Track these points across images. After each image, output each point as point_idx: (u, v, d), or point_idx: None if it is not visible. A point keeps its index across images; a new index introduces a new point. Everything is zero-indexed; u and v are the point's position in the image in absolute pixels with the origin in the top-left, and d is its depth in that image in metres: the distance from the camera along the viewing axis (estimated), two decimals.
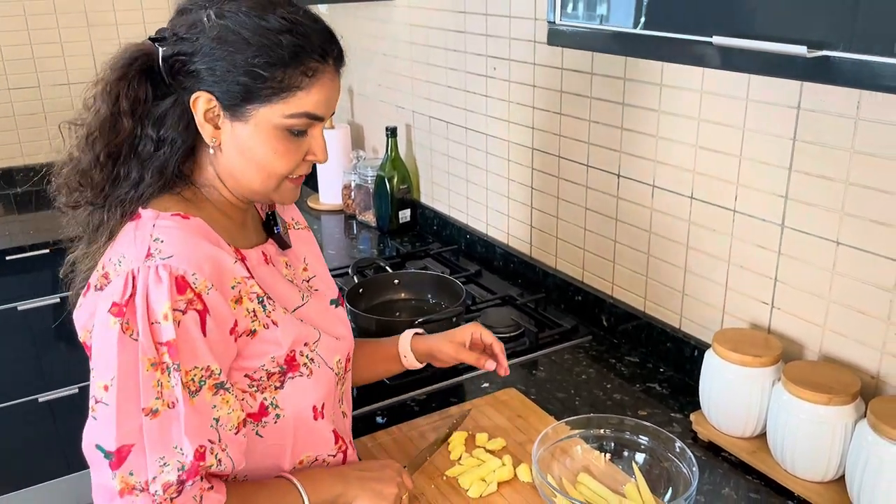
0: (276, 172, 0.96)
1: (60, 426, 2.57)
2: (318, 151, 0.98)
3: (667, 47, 0.92)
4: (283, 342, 0.97)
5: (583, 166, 1.64)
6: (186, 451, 0.86)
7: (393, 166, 2.24)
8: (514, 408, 1.34)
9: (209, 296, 0.89)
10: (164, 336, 0.85)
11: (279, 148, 0.94)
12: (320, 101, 0.94)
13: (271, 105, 0.92)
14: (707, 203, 1.36)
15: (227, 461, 0.91)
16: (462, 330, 1.26)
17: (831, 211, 1.15)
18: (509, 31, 1.77)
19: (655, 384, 1.44)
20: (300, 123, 0.94)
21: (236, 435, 0.93)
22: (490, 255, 2.01)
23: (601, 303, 1.65)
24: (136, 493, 0.85)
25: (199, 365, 0.88)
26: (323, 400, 1.03)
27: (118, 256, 0.91)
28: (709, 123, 1.32)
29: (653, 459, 1.12)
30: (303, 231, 1.19)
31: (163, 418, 0.86)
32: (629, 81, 1.47)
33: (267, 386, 0.97)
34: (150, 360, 0.85)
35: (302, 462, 1.04)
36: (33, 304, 2.40)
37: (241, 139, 0.94)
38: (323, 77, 0.94)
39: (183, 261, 0.88)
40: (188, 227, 0.93)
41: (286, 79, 0.91)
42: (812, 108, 1.15)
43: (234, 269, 0.93)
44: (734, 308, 1.36)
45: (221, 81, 0.91)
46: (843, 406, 1.08)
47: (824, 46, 0.72)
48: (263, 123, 0.93)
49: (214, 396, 0.90)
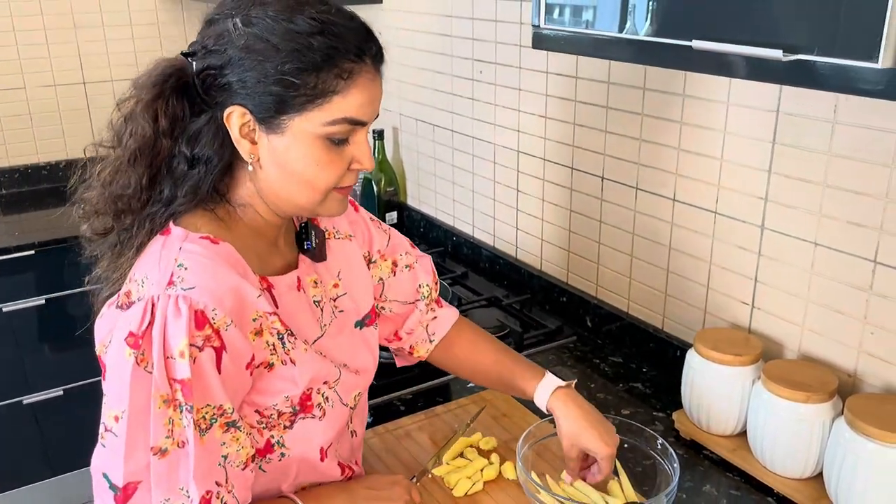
0: (321, 186, 0.90)
1: (45, 429, 2.56)
2: (363, 159, 0.91)
3: (649, 51, 0.94)
4: (300, 382, 0.93)
5: (568, 169, 1.66)
6: (193, 496, 0.84)
7: (380, 169, 2.25)
8: (499, 406, 1.35)
9: (227, 332, 0.85)
10: (179, 374, 0.82)
11: (321, 159, 0.88)
12: (360, 104, 0.88)
13: (307, 113, 0.86)
14: (689, 205, 1.38)
15: (233, 502, 0.88)
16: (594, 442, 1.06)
17: (810, 213, 1.18)
18: (495, 35, 1.79)
19: (638, 384, 1.46)
20: (340, 130, 0.87)
21: (244, 471, 0.90)
22: (476, 256, 2.03)
23: (585, 304, 1.67)
24: None
25: (212, 403, 0.85)
26: (332, 441, 1.00)
27: (142, 275, 0.87)
28: (691, 127, 1.35)
29: (635, 457, 1.14)
30: (344, 241, 1.10)
31: (171, 458, 0.84)
32: (613, 85, 1.49)
33: (276, 424, 0.94)
34: (162, 397, 0.82)
35: (305, 488, 1.01)
36: (18, 305, 2.39)
37: (279, 153, 0.88)
38: (361, 78, 0.87)
39: (205, 293, 0.83)
40: (216, 254, 0.88)
41: (320, 84, 0.85)
42: (791, 112, 1.17)
43: (257, 304, 0.88)
44: (716, 308, 1.38)
45: (254, 93, 0.85)
46: (821, 404, 1.10)
47: (799, 50, 0.74)
48: (301, 134, 0.87)
49: (225, 434, 0.87)
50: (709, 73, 0.89)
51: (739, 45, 0.79)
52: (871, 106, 1.06)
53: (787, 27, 0.78)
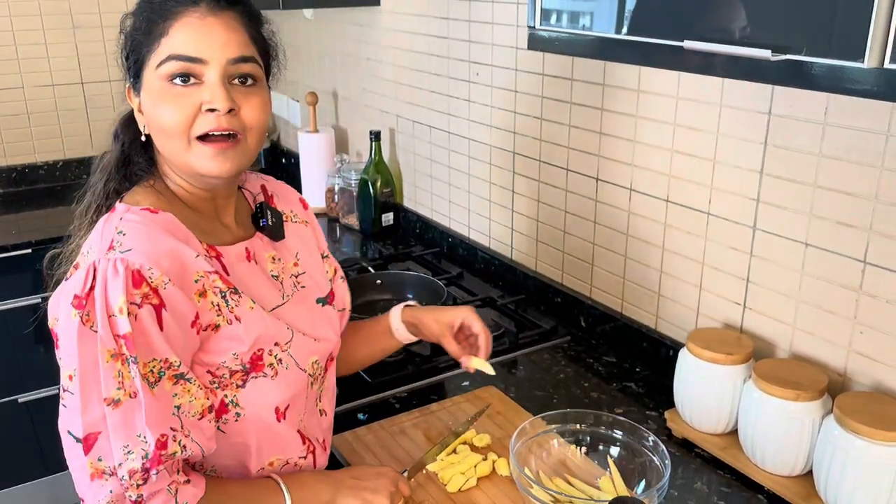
0: (172, 128, 0.94)
1: (39, 427, 2.56)
2: (212, 98, 0.92)
3: (643, 52, 0.95)
4: (246, 339, 0.97)
5: (563, 170, 1.67)
6: (149, 440, 0.88)
7: (376, 170, 2.26)
8: (494, 405, 1.36)
9: (166, 290, 0.89)
10: (121, 329, 0.87)
11: (166, 101, 0.93)
12: (186, 40, 0.93)
13: (147, 63, 0.95)
14: (682, 206, 1.40)
15: (194, 446, 0.92)
16: (453, 311, 1.24)
17: (800, 213, 1.19)
18: (492, 37, 1.80)
19: (632, 383, 1.47)
20: (173, 67, 0.92)
21: (200, 420, 0.93)
22: (472, 257, 2.04)
23: (580, 304, 1.68)
24: (106, 477, 0.88)
25: (157, 357, 0.89)
26: (287, 402, 1.02)
27: (87, 248, 0.95)
28: (684, 128, 1.36)
29: (627, 453, 1.15)
30: (300, 225, 1.18)
31: (125, 408, 0.88)
32: (607, 87, 1.51)
33: (228, 384, 0.97)
34: (109, 352, 0.87)
35: (273, 464, 1.04)
36: (14, 304, 2.39)
37: (147, 112, 0.97)
38: (187, 17, 0.93)
39: (140, 255, 0.89)
40: (154, 221, 0.94)
41: (153, 32, 0.94)
42: (782, 114, 1.19)
43: (197, 263, 0.94)
44: (708, 308, 1.39)
45: (128, 64, 0.97)
46: (811, 402, 1.11)
47: (789, 50, 0.76)
48: (149, 85, 0.95)
49: (175, 386, 0.91)
50: (700, 73, 0.90)
51: (729, 45, 0.81)
52: (861, 107, 1.08)
53: (776, 27, 0.79)
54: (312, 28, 2.68)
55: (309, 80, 2.76)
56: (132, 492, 0.88)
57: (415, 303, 1.29)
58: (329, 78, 2.66)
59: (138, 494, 0.89)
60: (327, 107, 2.69)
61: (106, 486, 0.88)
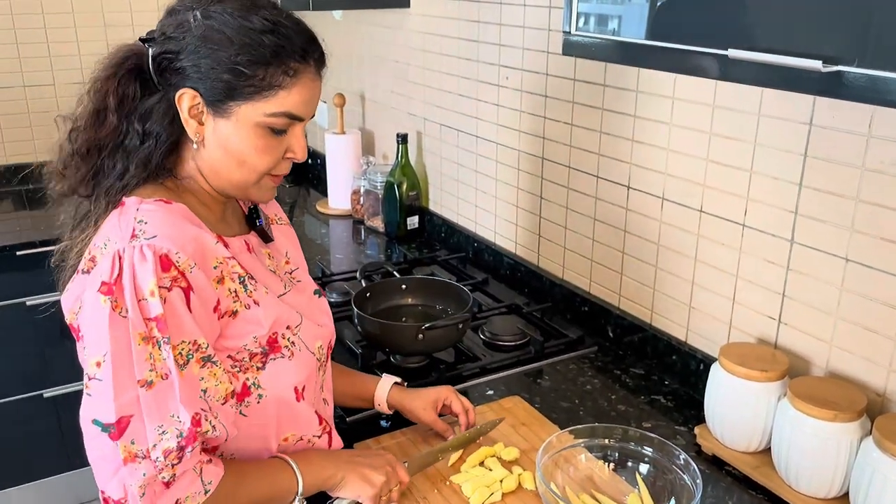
0: (256, 169, 0.99)
1: (64, 422, 2.58)
2: (297, 150, 1.01)
3: (682, 59, 0.93)
4: (265, 322, 1.00)
5: (593, 177, 1.64)
6: (183, 419, 0.90)
7: (402, 173, 2.24)
8: (518, 416, 1.34)
9: (192, 274, 0.92)
10: (152, 312, 0.89)
11: (259, 145, 0.97)
12: (301, 101, 0.97)
13: (253, 103, 0.95)
14: (716, 217, 1.36)
15: (221, 428, 0.95)
16: (434, 391, 1.28)
17: (841, 228, 1.16)
18: (523, 41, 1.78)
19: (660, 397, 1.44)
20: (280, 123, 0.97)
21: (224, 405, 0.96)
22: (497, 263, 2.02)
23: (607, 314, 1.65)
24: (139, 460, 0.88)
25: (187, 339, 0.91)
26: (304, 382, 1.06)
27: (103, 240, 0.94)
28: (720, 137, 1.33)
29: (656, 471, 1.12)
30: (284, 227, 1.22)
31: (157, 389, 0.89)
32: (641, 94, 1.48)
33: (249, 367, 1.00)
34: (140, 335, 0.88)
35: (287, 439, 1.07)
36: (41, 299, 2.41)
37: (223, 135, 0.97)
38: (304, 77, 0.97)
39: (166, 240, 0.91)
40: (171, 210, 0.96)
41: (268, 77, 0.94)
42: (824, 125, 1.15)
43: (216, 250, 0.97)
44: (741, 322, 1.36)
45: (206, 78, 0.94)
46: (849, 423, 1.08)
47: (840, 62, 0.73)
48: (245, 120, 0.96)
49: (202, 369, 0.93)
50: (744, 83, 0.87)
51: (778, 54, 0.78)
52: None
53: (827, 37, 0.76)
54: (341, 29, 2.68)
55: (336, 82, 2.75)
56: (166, 472, 0.89)
57: (399, 379, 1.31)
58: (357, 80, 2.65)
59: (171, 475, 0.90)
60: (354, 109, 2.68)
61: (139, 468, 0.88)
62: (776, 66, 0.78)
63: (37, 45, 2.81)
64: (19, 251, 2.35)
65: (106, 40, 2.90)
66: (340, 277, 1.96)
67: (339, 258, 2.20)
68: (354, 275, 1.91)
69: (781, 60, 0.77)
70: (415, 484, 1.16)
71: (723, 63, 0.85)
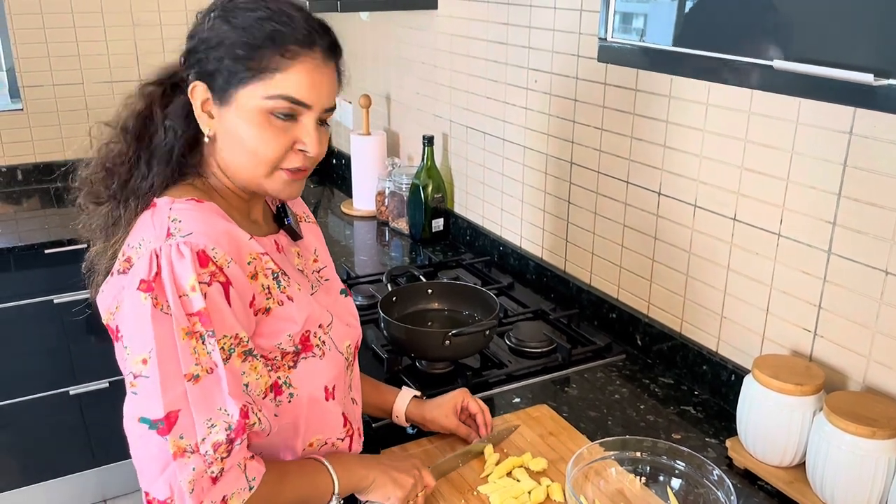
0: (263, 158, 0.98)
1: (89, 420, 2.60)
2: (307, 141, 0.98)
3: (722, 68, 0.91)
4: (298, 318, 1.00)
5: (623, 182, 1.62)
6: (231, 411, 0.90)
7: (428, 175, 2.23)
8: (546, 425, 1.32)
9: (230, 269, 0.92)
10: (195, 306, 0.89)
11: (263, 131, 0.96)
12: (302, 85, 0.96)
13: (251, 86, 0.95)
14: (750, 226, 1.34)
15: (266, 421, 0.96)
16: (451, 398, 1.29)
17: (881, 239, 1.13)
18: (552, 44, 1.76)
19: (690, 407, 1.42)
20: (281, 106, 0.96)
21: (264, 399, 0.97)
22: (523, 267, 2.00)
23: (636, 321, 1.63)
24: (188, 454, 0.88)
25: (228, 333, 0.92)
26: (334, 382, 1.06)
27: (138, 241, 0.95)
28: (755, 145, 1.30)
29: (688, 485, 1.10)
30: (312, 225, 1.22)
31: (204, 383, 0.90)
32: (674, 99, 1.45)
33: (281, 365, 1.00)
34: (184, 330, 0.89)
35: (312, 445, 1.07)
36: (69, 297, 2.43)
37: (228, 124, 0.97)
38: (304, 61, 0.96)
39: (202, 237, 0.92)
40: (203, 208, 0.97)
41: (265, 60, 0.94)
42: (864, 134, 1.13)
43: (250, 245, 0.97)
44: (775, 334, 1.33)
45: (213, 69, 0.96)
46: (888, 440, 1.05)
47: (891, 75, 0.71)
48: (244, 106, 0.96)
49: (244, 363, 0.94)
50: (788, 94, 0.85)
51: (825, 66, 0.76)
52: None
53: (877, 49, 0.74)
54: (368, 30, 2.67)
55: (363, 83, 2.75)
56: (216, 466, 0.89)
57: (419, 393, 1.32)
58: (383, 81, 2.65)
59: (220, 468, 0.90)
60: (380, 110, 2.68)
61: (189, 463, 0.88)
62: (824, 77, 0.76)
63: (66, 44, 2.83)
64: (47, 249, 2.37)
65: (134, 39, 2.92)
66: (366, 280, 1.96)
67: (364, 260, 2.19)
68: (379, 277, 1.91)
69: (830, 73, 0.75)
70: (442, 493, 1.15)
71: (767, 73, 0.83)
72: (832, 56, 0.77)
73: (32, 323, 2.44)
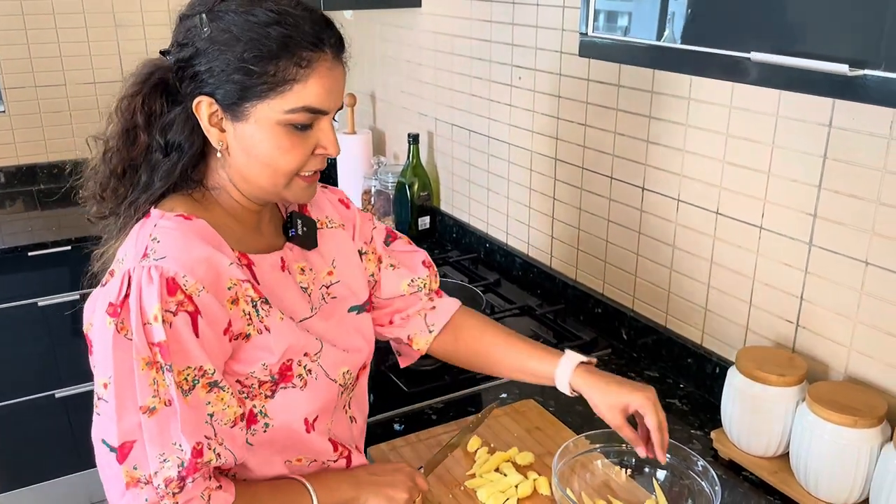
0: (284, 170, 0.95)
1: (75, 423, 2.58)
2: (328, 145, 0.96)
3: (702, 62, 0.91)
4: (276, 350, 0.95)
5: (607, 178, 1.63)
6: (185, 448, 0.88)
7: (414, 173, 2.24)
8: (532, 419, 1.33)
9: (200, 297, 0.89)
10: (156, 337, 0.86)
11: (284, 144, 0.93)
12: (320, 92, 0.92)
13: (268, 101, 0.90)
14: (733, 219, 1.35)
15: (227, 454, 0.92)
16: (627, 392, 1.06)
17: (861, 231, 1.14)
18: (536, 41, 1.76)
19: (675, 400, 1.43)
20: (302, 118, 0.92)
21: (233, 428, 0.93)
22: (509, 264, 2.01)
23: (621, 316, 1.64)
24: (141, 485, 0.88)
25: (192, 365, 0.89)
26: (316, 413, 1.01)
27: (122, 255, 0.93)
28: (737, 139, 1.31)
29: (674, 477, 1.11)
30: (336, 230, 1.15)
31: (160, 416, 0.87)
32: (656, 94, 1.46)
33: (257, 394, 0.97)
34: (144, 360, 0.86)
35: (300, 461, 1.03)
36: (53, 300, 2.42)
37: (245, 139, 0.93)
38: (320, 66, 0.92)
39: (174, 262, 0.88)
40: (188, 228, 0.93)
41: (279, 72, 0.89)
42: (844, 127, 1.14)
43: (230, 271, 0.92)
44: (758, 326, 1.34)
45: (219, 82, 0.91)
46: (869, 429, 1.06)
47: (866, 65, 0.71)
48: (264, 121, 0.91)
49: (209, 394, 0.90)
50: (766, 87, 0.86)
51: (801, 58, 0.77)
52: None
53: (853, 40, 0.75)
54: (352, 29, 2.67)
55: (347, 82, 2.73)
56: (168, 500, 0.88)
57: (587, 358, 1.12)
58: (367, 79, 2.65)
59: (174, 502, 0.88)
60: (365, 108, 2.68)
61: (141, 494, 0.88)
62: (800, 69, 0.77)
63: (48, 45, 2.81)
64: (31, 252, 2.36)
65: (117, 40, 2.90)
66: None
67: None
68: None
69: (806, 64, 0.76)
70: (430, 488, 1.15)
71: (744, 66, 0.84)
72: (809, 47, 0.78)
73: (17, 326, 2.42)
